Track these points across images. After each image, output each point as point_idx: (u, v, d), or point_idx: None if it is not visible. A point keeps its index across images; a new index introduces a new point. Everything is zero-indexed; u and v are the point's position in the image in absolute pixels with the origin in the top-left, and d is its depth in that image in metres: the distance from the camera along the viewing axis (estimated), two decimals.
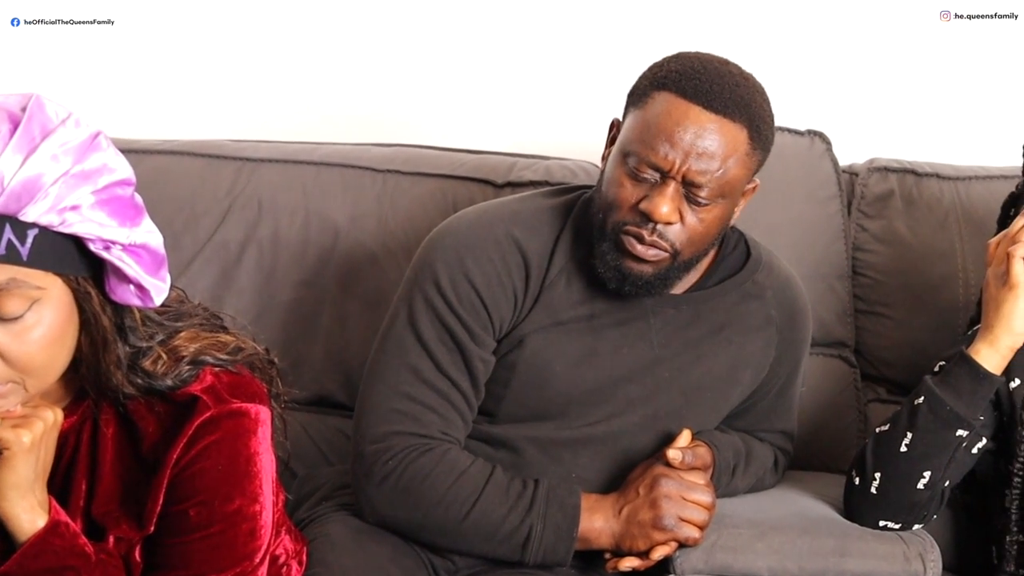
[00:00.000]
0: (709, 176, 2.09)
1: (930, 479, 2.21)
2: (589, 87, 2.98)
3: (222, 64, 3.10)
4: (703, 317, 2.26)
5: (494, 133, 3.00)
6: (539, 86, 3.06)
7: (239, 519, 1.80)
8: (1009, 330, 2.18)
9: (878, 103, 3.04)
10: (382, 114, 3.06)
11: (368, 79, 3.08)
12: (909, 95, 3.05)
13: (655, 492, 2.14)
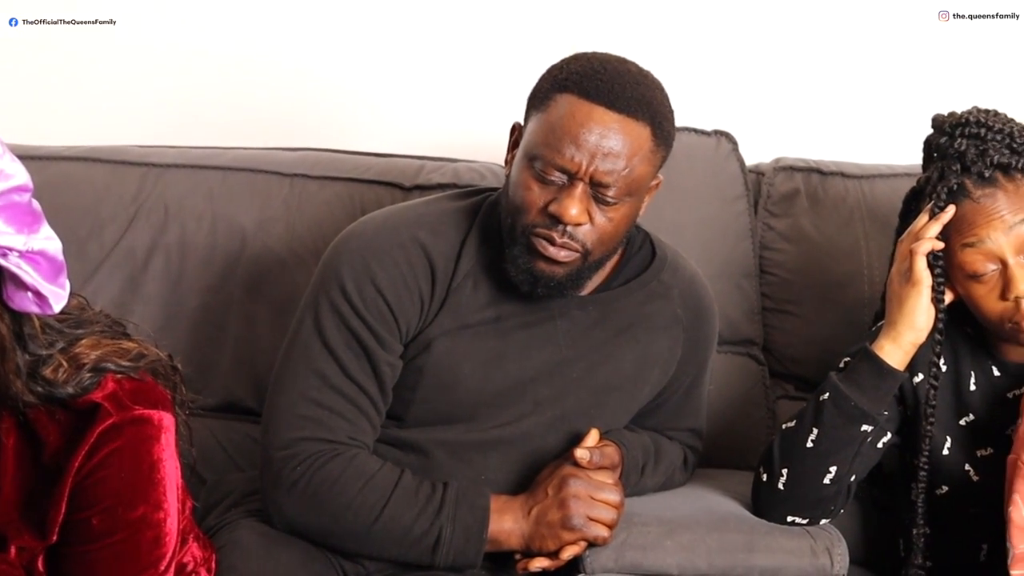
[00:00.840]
0: (616, 175, 2.10)
1: (836, 474, 2.23)
2: (496, 89, 2.99)
3: (127, 69, 3.06)
4: (610, 317, 2.26)
5: (402, 136, 2.98)
6: (447, 88, 3.05)
7: (143, 527, 1.79)
8: (912, 326, 2.21)
9: (783, 103, 3.06)
10: (289, 118, 3.04)
11: (275, 83, 3.06)
12: (814, 94, 3.07)
13: (563, 492, 2.14)
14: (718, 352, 2.61)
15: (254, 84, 3.06)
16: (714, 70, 3.05)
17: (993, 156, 2.16)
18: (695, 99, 2.94)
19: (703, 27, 3.06)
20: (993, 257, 2.16)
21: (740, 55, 3.06)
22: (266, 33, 3.06)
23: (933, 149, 2.26)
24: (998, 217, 2.15)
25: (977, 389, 2.29)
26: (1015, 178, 2.17)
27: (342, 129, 3.04)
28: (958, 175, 2.18)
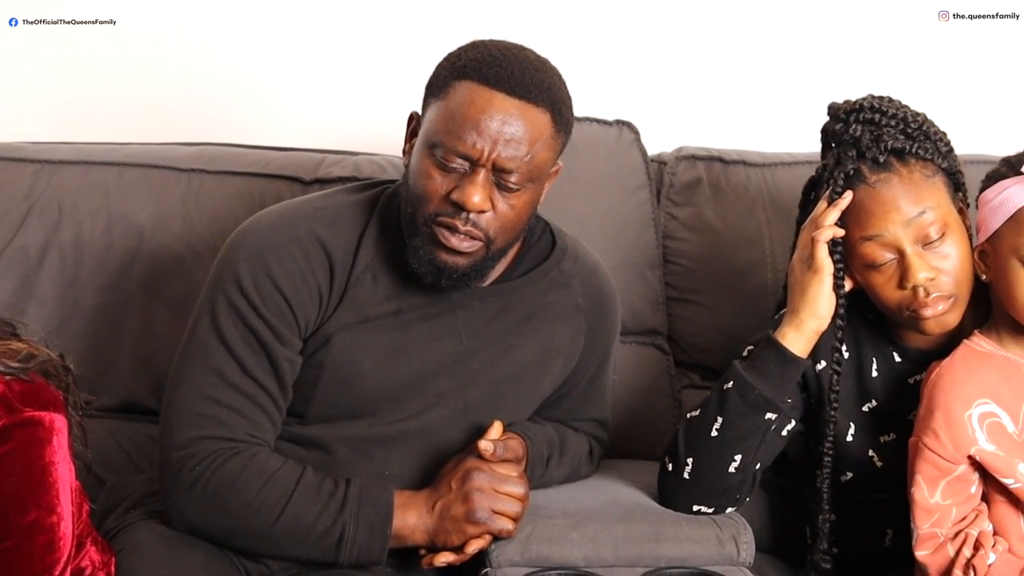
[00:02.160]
0: (518, 162, 2.09)
1: (741, 462, 2.23)
2: (397, 80, 2.96)
3: (17, 63, 3.01)
4: (510, 308, 2.25)
5: (302, 129, 2.97)
6: (347, 81, 3.03)
7: (35, 531, 1.76)
8: (814, 314, 2.22)
9: (685, 92, 3.07)
10: (187, 112, 3.00)
11: (171, 76, 3.02)
12: (715, 83, 3.09)
13: (467, 486, 2.12)
14: (623, 342, 2.62)
15: (150, 78, 3.02)
16: (615, 60, 3.05)
17: (887, 141, 2.17)
18: (597, 89, 2.95)
19: (603, 17, 3.06)
20: (891, 247, 2.17)
21: (641, 45, 3.06)
22: (161, 26, 3.02)
23: (829, 136, 2.27)
24: (895, 208, 2.16)
25: (879, 375, 2.30)
26: (909, 163, 2.18)
27: (241, 123, 3.00)
28: (854, 160, 2.19)
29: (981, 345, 2.18)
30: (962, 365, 2.17)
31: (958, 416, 2.12)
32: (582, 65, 2.95)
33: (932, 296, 2.16)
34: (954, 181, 2.22)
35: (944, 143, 2.23)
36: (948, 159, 2.22)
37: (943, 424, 2.12)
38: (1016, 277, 2.11)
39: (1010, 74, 3.11)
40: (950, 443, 2.12)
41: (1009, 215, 2.11)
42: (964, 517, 2.15)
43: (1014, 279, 2.11)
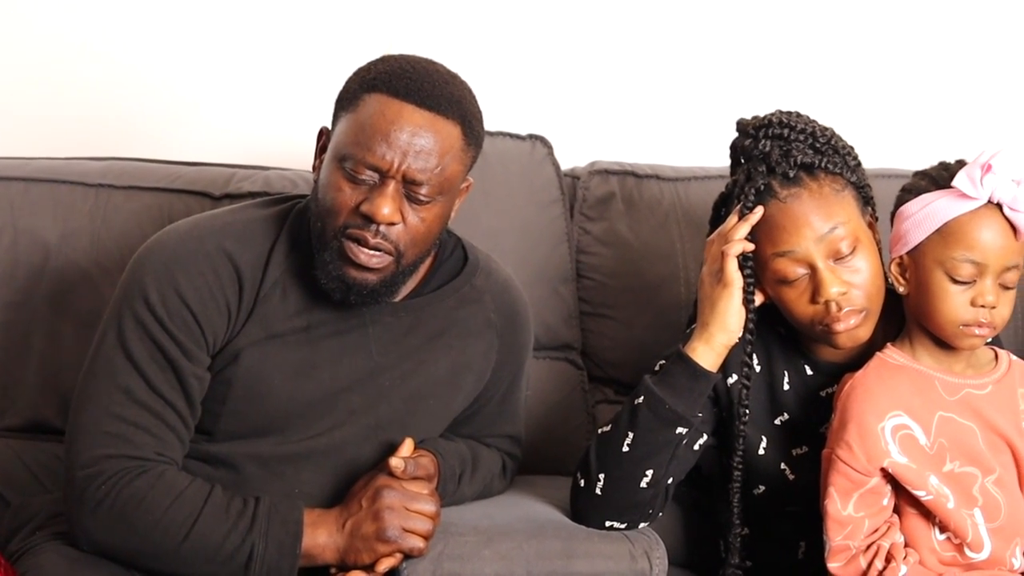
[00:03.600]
0: (428, 173, 2.08)
1: (653, 477, 2.22)
2: (309, 95, 2.95)
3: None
4: (422, 324, 2.24)
5: (212, 144, 2.94)
6: (258, 95, 3.01)
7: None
8: (723, 328, 2.22)
9: (598, 106, 3.08)
10: (95, 126, 2.97)
11: (79, 90, 2.98)
12: (628, 98, 3.09)
13: (378, 504, 2.10)
14: (536, 358, 2.61)
15: (57, 91, 2.98)
16: (529, 74, 3.05)
17: (797, 156, 2.18)
18: (510, 103, 2.95)
19: (517, 32, 3.06)
20: (803, 263, 2.18)
21: (554, 59, 3.07)
22: (69, 38, 2.98)
23: (739, 152, 2.28)
24: (807, 224, 2.17)
25: (791, 388, 2.31)
26: (819, 177, 2.19)
27: (150, 137, 2.97)
28: (764, 176, 2.20)
29: (894, 358, 2.19)
30: (875, 377, 2.18)
31: (871, 428, 2.13)
32: (495, 80, 2.95)
33: (844, 310, 2.17)
34: (863, 195, 2.24)
35: (852, 157, 2.25)
36: (856, 173, 2.23)
37: (856, 436, 2.13)
38: (941, 290, 2.13)
39: (720, 71, 3.13)
40: (863, 455, 2.13)
41: (935, 228, 2.12)
42: (876, 529, 2.16)
43: (939, 292, 2.13)
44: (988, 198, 2.10)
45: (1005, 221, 2.10)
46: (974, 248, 2.10)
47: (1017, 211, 2.09)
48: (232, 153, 2.85)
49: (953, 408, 2.16)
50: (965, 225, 2.10)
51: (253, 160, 2.79)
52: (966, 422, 2.16)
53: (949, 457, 2.15)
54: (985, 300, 2.11)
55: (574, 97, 3.07)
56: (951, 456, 2.15)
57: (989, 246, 2.10)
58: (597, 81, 3.08)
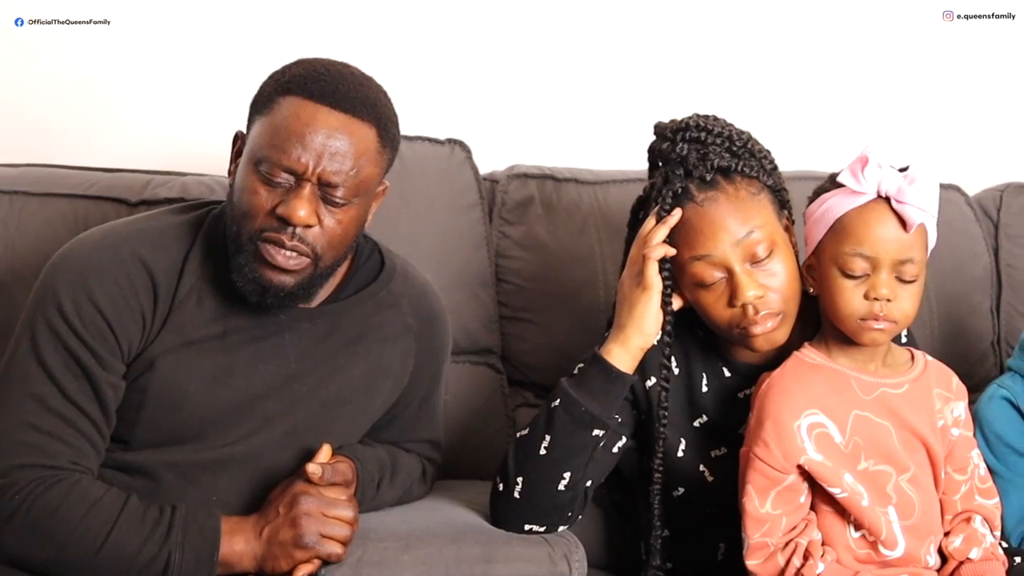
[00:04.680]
0: (344, 176, 2.08)
1: (571, 480, 2.23)
2: (227, 100, 2.92)
3: None
4: (339, 329, 2.23)
5: (128, 150, 2.91)
6: (175, 100, 2.99)
7: None
8: (640, 330, 2.23)
9: (516, 111, 3.08)
10: (8, 132, 2.93)
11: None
12: (547, 102, 3.10)
13: (295, 510, 2.09)
14: (456, 362, 2.61)
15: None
16: (447, 79, 3.05)
17: (714, 160, 2.20)
18: (429, 108, 2.95)
19: (434, 37, 3.06)
20: (720, 266, 2.19)
21: (472, 64, 3.07)
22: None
23: (656, 155, 2.29)
24: (723, 228, 2.18)
25: (709, 391, 2.32)
26: (735, 181, 2.20)
27: (65, 143, 2.94)
28: (682, 179, 2.21)
29: (811, 357, 2.21)
30: (792, 376, 2.19)
31: (787, 426, 2.15)
32: (414, 84, 2.95)
33: (761, 313, 2.19)
34: (779, 198, 2.26)
35: (769, 160, 2.26)
36: (773, 176, 2.25)
37: (773, 434, 2.15)
38: (837, 286, 2.15)
39: (641, 78, 3.14)
40: (780, 453, 2.14)
41: (829, 225, 2.15)
42: (794, 527, 2.17)
43: (835, 288, 2.15)
44: (876, 192, 2.12)
45: (894, 214, 2.12)
46: (863, 242, 2.12)
47: (904, 203, 2.11)
48: (148, 159, 2.83)
49: (869, 407, 2.18)
50: (854, 220, 2.13)
51: (170, 166, 2.77)
52: (881, 421, 2.18)
53: (864, 455, 2.16)
54: (878, 293, 2.12)
55: (493, 101, 3.07)
56: (866, 454, 2.16)
57: (878, 239, 2.12)
58: (516, 85, 3.08)
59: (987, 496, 2.27)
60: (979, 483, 2.27)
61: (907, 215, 2.11)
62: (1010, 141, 3.36)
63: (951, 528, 2.24)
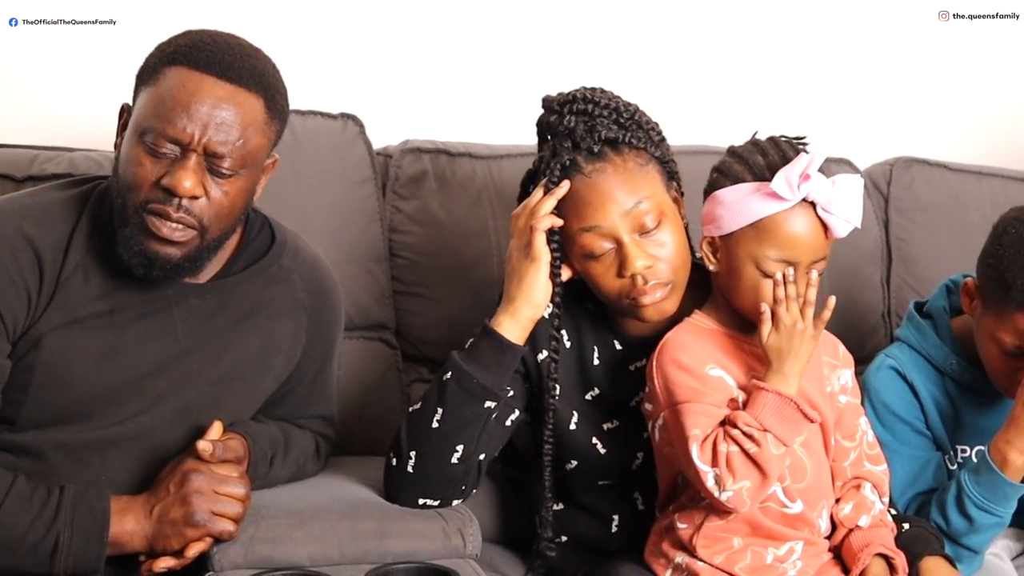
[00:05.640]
0: (230, 146, 2.06)
1: (463, 453, 2.23)
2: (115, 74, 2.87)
3: None
4: (229, 304, 2.21)
5: (13, 124, 2.85)
6: (62, 74, 2.93)
7: None
8: (529, 301, 2.23)
9: (410, 85, 3.06)
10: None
11: None
12: (440, 76, 3.09)
13: (186, 488, 2.07)
14: (349, 337, 2.60)
15: None
16: (340, 53, 3.03)
17: (601, 131, 2.20)
18: (321, 82, 2.93)
19: (326, 10, 3.03)
20: (609, 237, 2.19)
21: (365, 38, 3.04)
22: None
23: (545, 128, 2.29)
24: (612, 199, 2.18)
25: (601, 363, 2.33)
26: (623, 152, 2.20)
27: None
28: (570, 151, 2.21)
29: (704, 322, 2.23)
30: (688, 335, 2.21)
31: (701, 370, 2.16)
32: (307, 58, 2.93)
33: (650, 284, 2.20)
34: (667, 170, 2.26)
35: (656, 132, 2.27)
36: (660, 148, 2.25)
37: (691, 378, 2.15)
38: (751, 280, 2.16)
39: (538, 49, 3.14)
40: (709, 389, 2.14)
41: (749, 223, 2.15)
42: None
43: (748, 282, 2.16)
44: (803, 198, 2.12)
45: (817, 219, 2.13)
46: (786, 248, 2.13)
47: (830, 213, 2.12)
48: (35, 134, 2.77)
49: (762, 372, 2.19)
50: (779, 224, 2.13)
51: (57, 141, 2.72)
52: None
53: None
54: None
55: (386, 76, 3.05)
56: None
57: (800, 245, 2.13)
58: (409, 59, 3.07)
59: (875, 462, 2.30)
60: (868, 449, 2.29)
61: (832, 225, 2.13)
62: (899, 115, 3.40)
63: (841, 495, 2.26)
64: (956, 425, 2.50)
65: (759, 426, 2.08)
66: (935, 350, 2.51)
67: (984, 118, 3.46)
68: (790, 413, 2.09)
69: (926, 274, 3.03)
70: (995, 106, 3.47)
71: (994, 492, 2.34)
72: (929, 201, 3.10)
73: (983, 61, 3.45)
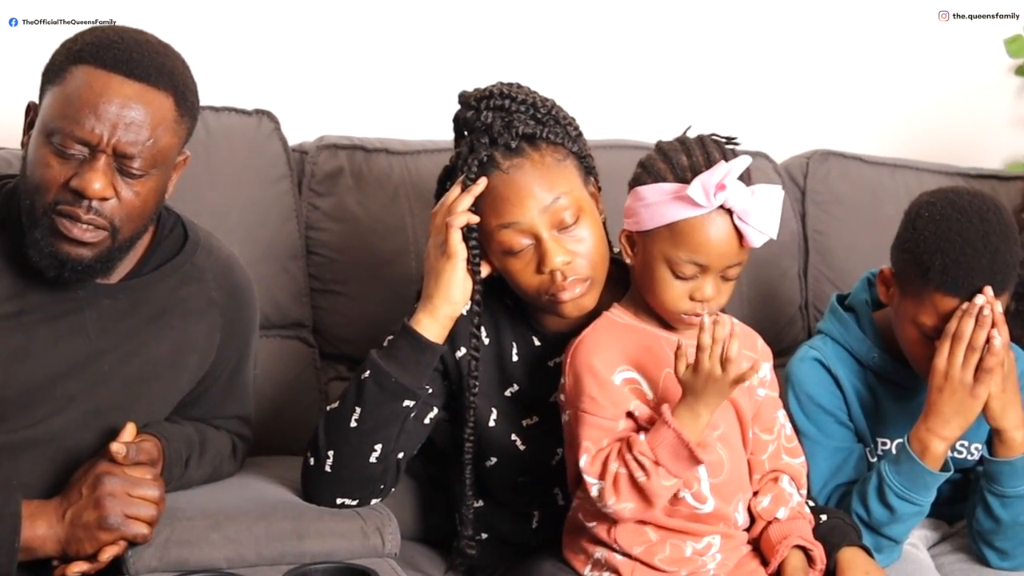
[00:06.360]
0: (140, 146, 2.04)
1: (382, 452, 2.21)
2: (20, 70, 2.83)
3: None
4: (142, 304, 2.18)
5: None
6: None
7: None
8: (447, 299, 2.22)
9: (325, 81, 3.04)
10: None
11: None
12: (356, 72, 3.06)
13: (99, 491, 2.04)
14: (266, 336, 2.59)
15: None
16: (253, 49, 2.99)
17: (518, 127, 2.19)
18: (235, 79, 2.89)
19: (239, 5, 2.99)
20: (528, 233, 2.19)
21: (279, 33, 3.01)
22: None
23: (462, 124, 2.28)
24: (530, 195, 2.18)
25: (520, 359, 2.32)
26: (541, 148, 2.20)
27: None
28: (487, 147, 2.20)
29: (621, 317, 2.22)
30: (604, 333, 2.21)
31: (607, 378, 2.15)
32: (220, 54, 2.89)
33: (569, 279, 2.19)
34: (585, 165, 2.26)
35: (573, 127, 2.26)
36: (578, 143, 2.25)
37: (595, 387, 2.14)
38: (664, 281, 2.16)
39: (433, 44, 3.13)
40: (607, 402, 2.14)
41: (664, 224, 2.14)
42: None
43: (661, 282, 2.16)
44: (720, 205, 2.12)
45: (733, 227, 2.13)
46: (699, 252, 2.13)
47: (747, 223, 2.12)
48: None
49: None
50: (694, 229, 2.12)
51: None
52: None
53: None
54: (704, 296, 2.15)
55: (301, 71, 3.02)
56: None
57: (714, 251, 2.13)
58: (324, 55, 3.04)
59: (793, 455, 2.31)
60: (785, 442, 2.30)
61: (747, 235, 2.12)
62: (816, 109, 3.42)
63: (759, 488, 2.27)
64: (877, 418, 2.52)
65: (652, 457, 2.08)
66: (857, 343, 2.52)
67: (899, 111, 3.49)
68: (685, 455, 2.09)
69: (843, 266, 3.05)
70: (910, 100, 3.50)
71: (914, 481, 2.36)
72: (845, 194, 3.12)
73: (900, 56, 3.47)
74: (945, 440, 2.35)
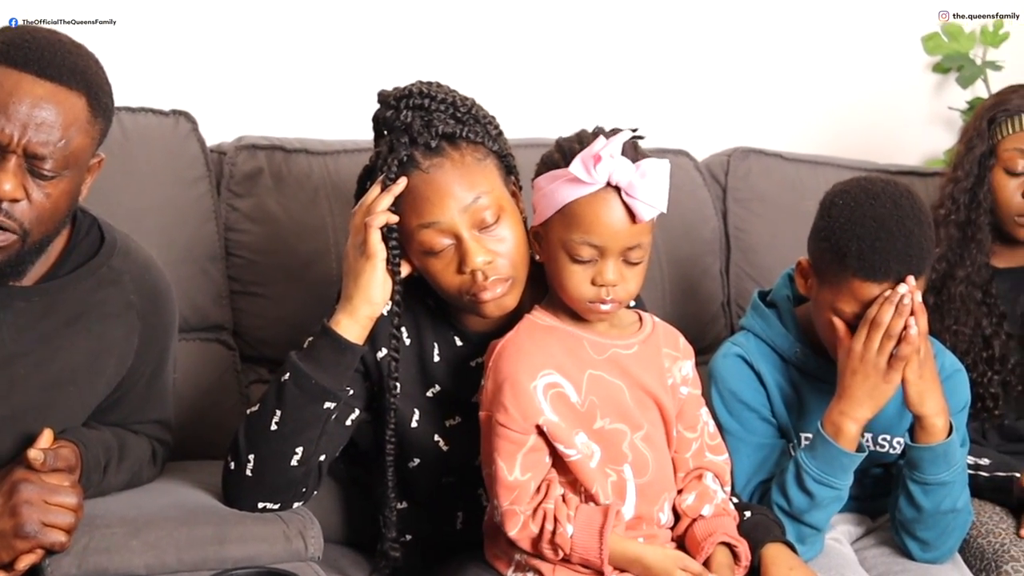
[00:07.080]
0: (52, 147, 2.01)
1: (303, 454, 2.19)
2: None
3: None
4: (58, 307, 2.15)
5: None
6: None
7: None
8: (367, 299, 2.20)
9: (243, 81, 3.02)
10: None
11: None
12: (275, 72, 3.05)
13: (15, 499, 2.00)
14: (185, 339, 2.57)
15: None
16: (171, 48, 2.97)
17: (438, 126, 2.18)
18: (151, 79, 2.86)
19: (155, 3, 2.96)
20: (448, 233, 2.18)
21: (197, 33, 2.99)
22: None
23: (381, 124, 2.27)
24: (450, 194, 2.17)
25: (441, 360, 2.31)
26: (460, 147, 2.19)
27: None
28: (406, 147, 2.19)
29: (543, 319, 2.22)
30: (526, 337, 2.20)
31: (524, 387, 2.14)
32: (137, 54, 2.87)
33: (490, 279, 2.18)
34: (505, 164, 2.25)
35: (493, 126, 2.25)
36: (498, 142, 2.24)
37: (511, 396, 2.14)
38: (564, 268, 2.15)
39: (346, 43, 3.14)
40: (519, 415, 2.13)
41: (557, 208, 2.14)
42: (539, 489, 2.17)
43: (562, 270, 2.16)
44: (607, 182, 2.12)
45: (623, 205, 2.11)
46: (591, 232, 2.12)
47: (634, 198, 2.10)
48: None
49: (602, 367, 2.19)
50: (583, 208, 2.12)
51: None
52: (615, 380, 2.19)
53: (600, 414, 2.17)
54: (605, 280, 2.14)
55: (218, 71, 3.00)
56: (601, 413, 2.17)
57: (606, 230, 2.12)
58: (241, 54, 3.02)
59: (717, 452, 2.31)
60: (709, 440, 2.31)
61: (636, 210, 2.11)
62: (737, 107, 3.44)
63: (684, 486, 2.27)
64: (800, 413, 2.53)
65: (565, 528, 2.12)
66: (780, 338, 2.53)
67: (819, 109, 3.51)
68: (596, 529, 2.13)
69: (765, 263, 3.07)
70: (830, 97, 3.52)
71: (831, 464, 2.38)
72: (766, 191, 3.14)
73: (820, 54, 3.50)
74: (857, 422, 2.37)
